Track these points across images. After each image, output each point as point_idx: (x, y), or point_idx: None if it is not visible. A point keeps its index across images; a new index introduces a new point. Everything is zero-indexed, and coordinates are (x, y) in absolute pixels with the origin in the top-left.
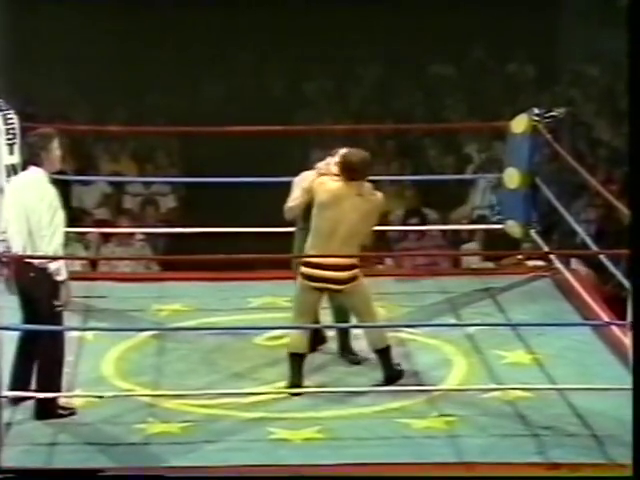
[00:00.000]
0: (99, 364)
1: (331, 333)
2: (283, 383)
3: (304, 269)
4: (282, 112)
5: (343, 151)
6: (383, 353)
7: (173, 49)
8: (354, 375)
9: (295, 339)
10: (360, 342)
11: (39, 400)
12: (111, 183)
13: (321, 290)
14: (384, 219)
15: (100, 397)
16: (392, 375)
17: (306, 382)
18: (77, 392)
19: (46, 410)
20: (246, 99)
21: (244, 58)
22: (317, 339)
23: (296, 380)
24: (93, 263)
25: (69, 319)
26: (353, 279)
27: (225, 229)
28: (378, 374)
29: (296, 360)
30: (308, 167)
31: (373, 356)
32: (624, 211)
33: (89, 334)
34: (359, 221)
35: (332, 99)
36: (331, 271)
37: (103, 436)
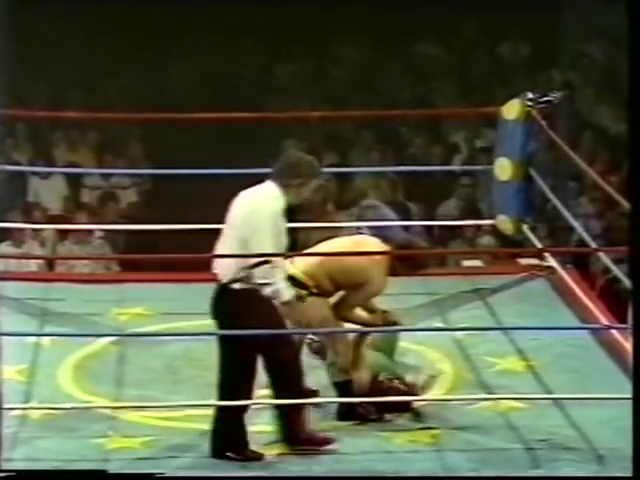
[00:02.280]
0: (56, 372)
1: None
2: (253, 394)
3: None
4: (254, 97)
5: None
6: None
7: (136, 29)
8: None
9: None
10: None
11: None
12: (67, 175)
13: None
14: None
15: (56, 409)
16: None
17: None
18: (33, 404)
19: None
20: (214, 83)
21: (212, 38)
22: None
23: None
24: (50, 262)
25: (25, 324)
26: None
27: (191, 226)
28: None
29: None
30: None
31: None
32: (625, 205)
33: (46, 340)
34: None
35: (307, 82)
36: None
37: (59, 452)
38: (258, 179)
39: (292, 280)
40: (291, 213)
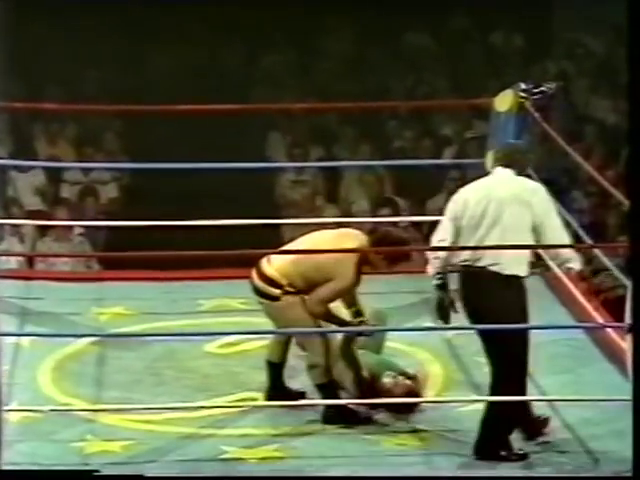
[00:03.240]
0: (35, 374)
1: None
2: (237, 396)
3: None
4: (237, 89)
5: None
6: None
7: (116, 19)
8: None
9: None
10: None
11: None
12: (47, 170)
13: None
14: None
15: (36, 412)
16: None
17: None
18: (12, 406)
19: None
20: (196, 74)
21: (194, 29)
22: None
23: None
24: (30, 260)
25: (5, 323)
26: (273, 298)
27: (173, 222)
28: None
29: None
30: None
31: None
32: (621, 199)
33: (25, 340)
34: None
35: (293, 74)
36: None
37: (38, 456)
38: (242, 173)
39: (266, 280)
40: (279, 209)
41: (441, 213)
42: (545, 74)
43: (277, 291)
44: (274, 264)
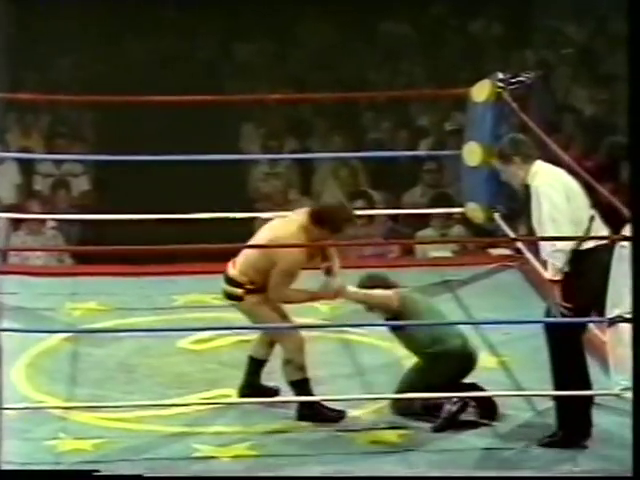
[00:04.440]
0: (9, 370)
1: None
2: (211, 393)
3: None
4: (211, 79)
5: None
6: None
7: (89, 8)
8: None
9: None
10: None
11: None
12: (20, 162)
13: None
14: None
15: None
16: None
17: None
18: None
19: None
20: (169, 64)
21: (168, 16)
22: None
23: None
24: (3, 254)
25: None
26: (236, 298)
27: (146, 216)
28: (317, 380)
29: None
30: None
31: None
32: (601, 190)
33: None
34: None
35: (268, 64)
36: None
37: (11, 454)
38: (216, 165)
39: (230, 281)
40: (252, 202)
41: (416, 206)
42: (524, 63)
43: (239, 291)
44: (237, 265)
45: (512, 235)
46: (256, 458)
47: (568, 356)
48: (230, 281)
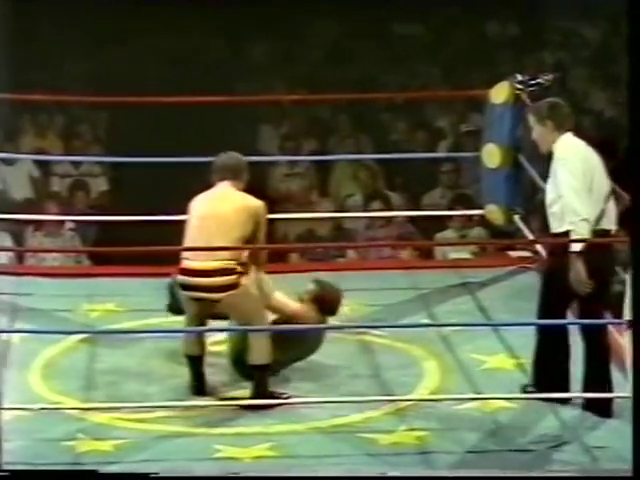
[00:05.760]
0: (25, 371)
1: None
2: (230, 393)
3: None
4: (225, 80)
5: None
6: (261, 370)
7: (98, 7)
8: (304, 382)
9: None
10: None
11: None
12: (37, 163)
13: (200, 300)
14: (341, 203)
15: (27, 410)
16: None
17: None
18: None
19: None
20: (182, 65)
21: (179, 15)
22: None
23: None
24: (20, 255)
25: None
26: (232, 286)
27: (165, 217)
28: (330, 382)
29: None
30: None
31: None
32: (619, 192)
33: (16, 337)
34: (228, 219)
35: (283, 64)
36: (202, 277)
37: (27, 455)
38: None
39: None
40: (273, 204)
41: (435, 207)
42: (542, 65)
43: (233, 277)
44: (214, 255)
45: (531, 237)
46: (277, 459)
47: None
48: (215, 273)
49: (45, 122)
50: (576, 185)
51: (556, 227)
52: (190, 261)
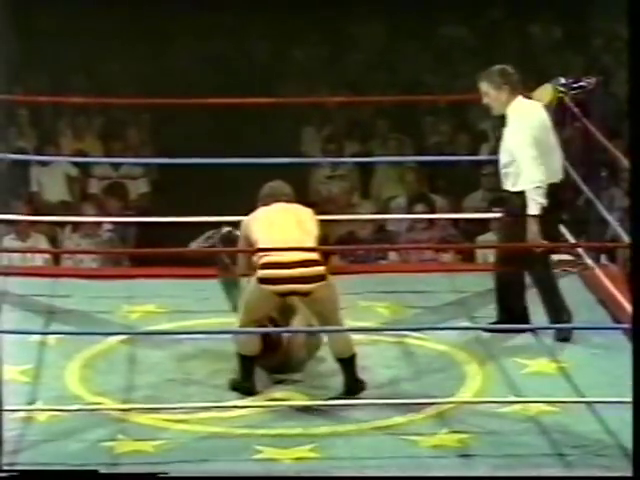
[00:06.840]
0: (62, 373)
1: None
2: (271, 395)
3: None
4: (269, 81)
5: None
6: (348, 363)
7: (140, 9)
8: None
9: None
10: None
11: None
12: (75, 164)
13: (283, 295)
14: (382, 205)
15: (64, 411)
16: (353, 388)
17: (286, 394)
18: (39, 405)
19: None
20: (227, 67)
21: (224, 19)
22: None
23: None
24: (56, 257)
25: (30, 321)
26: (323, 277)
27: (205, 218)
28: (371, 384)
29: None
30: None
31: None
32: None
33: (52, 338)
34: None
35: (326, 66)
36: (294, 269)
37: (66, 456)
38: (276, 168)
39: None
40: (314, 206)
41: (477, 210)
42: (585, 68)
43: (322, 268)
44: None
45: (573, 241)
46: (318, 460)
47: None
48: (309, 264)
49: (83, 124)
50: (530, 151)
51: (510, 186)
52: (275, 255)
